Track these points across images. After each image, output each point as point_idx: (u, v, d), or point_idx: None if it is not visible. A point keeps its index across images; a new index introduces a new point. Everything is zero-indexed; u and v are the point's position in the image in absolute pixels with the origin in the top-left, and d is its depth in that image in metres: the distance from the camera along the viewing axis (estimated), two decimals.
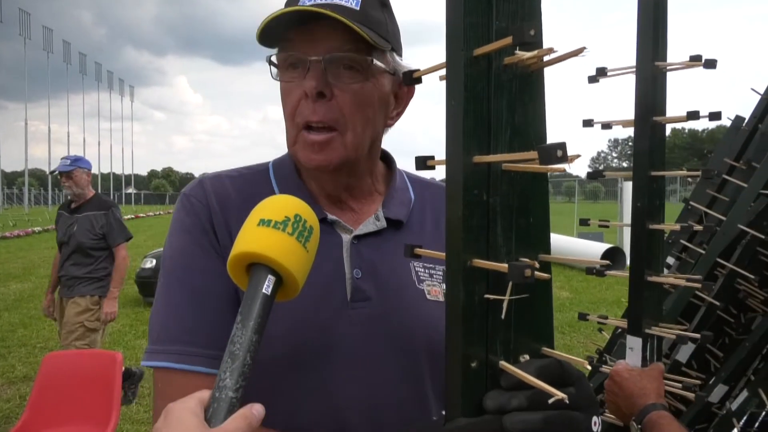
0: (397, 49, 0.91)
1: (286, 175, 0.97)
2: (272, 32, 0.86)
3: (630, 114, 1.14)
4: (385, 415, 0.88)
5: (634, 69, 1.11)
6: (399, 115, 0.96)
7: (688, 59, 1.10)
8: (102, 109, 78.78)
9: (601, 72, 1.14)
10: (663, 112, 1.11)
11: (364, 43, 0.83)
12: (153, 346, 0.86)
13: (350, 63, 0.85)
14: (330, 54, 0.84)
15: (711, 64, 1.09)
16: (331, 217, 0.93)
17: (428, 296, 0.93)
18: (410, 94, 0.96)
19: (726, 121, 1.85)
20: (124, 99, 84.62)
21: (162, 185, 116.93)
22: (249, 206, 0.70)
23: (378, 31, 0.86)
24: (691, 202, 1.77)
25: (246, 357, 0.59)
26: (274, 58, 0.90)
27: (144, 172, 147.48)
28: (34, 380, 3.22)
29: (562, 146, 0.49)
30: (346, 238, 0.93)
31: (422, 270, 0.95)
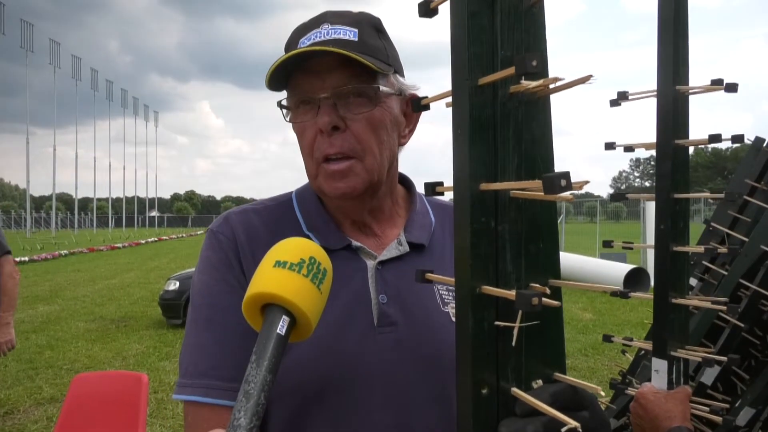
0: (399, 70, 0.94)
1: (309, 205, 0.99)
2: (279, 77, 0.90)
3: (653, 134, 1.15)
4: None
5: (655, 93, 1.11)
6: (411, 132, 0.98)
7: (709, 83, 1.10)
8: (127, 134, 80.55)
9: (623, 96, 1.16)
10: (686, 135, 1.11)
11: (368, 71, 0.86)
12: (182, 380, 0.90)
13: (358, 92, 0.88)
14: (337, 89, 0.87)
15: (732, 88, 1.09)
16: (355, 243, 0.95)
17: (453, 319, 0.95)
18: (419, 113, 0.97)
19: (747, 142, 1.85)
20: (149, 124, 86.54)
21: (184, 208, 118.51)
22: (276, 238, 0.71)
23: (379, 57, 0.89)
24: (713, 224, 1.76)
25: (260, 396, 0.59)
26: (284, 102, 0.93)
27: (167, 196, 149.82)
28: (62, 402, 3.27)
29: (565, 176, 0.49)
30: (370, 264, 0.95)
31: (446, 293, 0.96)
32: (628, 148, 1.22)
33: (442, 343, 0.91)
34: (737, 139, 1.10)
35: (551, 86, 0.55)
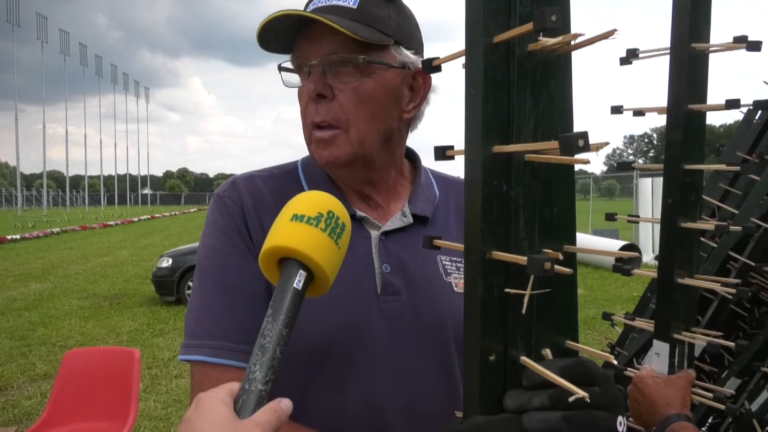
0: (404, 41, 0.92)
1: (314, 173, 1.00)
2: (280, 39, 0.90)
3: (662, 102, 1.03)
4: (419, 407, 0.91)
5: (669, 50, 1.01)
6: (416, 108, 0.96)
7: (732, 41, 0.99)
8: (118, 111, 79.66)
9: (633, 53, 1.05)
10: (702, 100, 1.01)
11: (359, 42, 0.85)
12: (189, 341, 0.89)
13: (344, 62, 0.87)
14: (326, 57, 0.87)
15: (755, 46, 0.99)
16: (360, 213, 0.96)
17: (456, 289, 0.95)
18: (426, 87, 0.96)
19: (740, 115, 1.84)
20: (140, 101, 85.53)
21: (177, 186, 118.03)
22: (282, 205, 0.71)
23: (377, 27, 0.88)
24: (704, 196, 1.76)
25: (276, 350, 0.59)
26: (286, 65, 0.94)
27: (159, 173, 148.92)
28: (55, 378, 3.28)
29: (583, 135, 0.47)
30: (374, 234, 0.96)
31: (449, 263, 0.97)
32: (638, 113, 1.12)
33: (444, 313, 0.92)
34: (732, 104, 1.01)
35: (572, 42, 0.52)
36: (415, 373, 0.91)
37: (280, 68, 0.94)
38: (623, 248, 11.16)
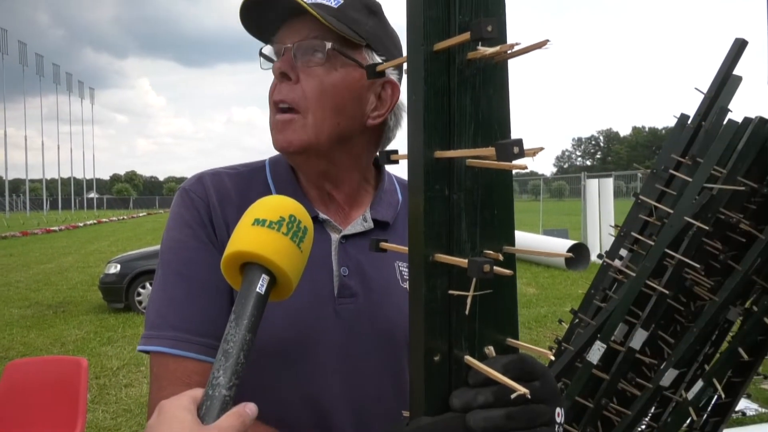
0: (377, 48, 0.94)
1: (281, 173, 1.00)
2: (267, 27, 0.94)
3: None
4: (366, 408, 0.92)
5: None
6: (381, 117, 0.96)
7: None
8: (61, 112, 76.67)
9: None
10: None
11: (334, 35, 0.88)
12: (149, 332, 0.88)
13: (316, 50, 0.90)
14: (298, 42, 0.90)
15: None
16: (322, 216, 0.96)
17: None
18: (394, 98, 0.96)
19: (673, 120, 1.94)
20: (84, 101, 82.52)
21: (125, 189, 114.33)
22: (247, 204, 0.71)
23: (352, 27, 0.90)
24: (641, 197, 1.84)
25: (239, 355, 0.60)
26: (265, 50, 0.97)
27: (106, 176, 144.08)
28: None
29: (518, 143, 0.49)
30: (334, 237, 0.97)
31: (406, 270, 0.99)
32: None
33: (397, 317, 0.94)
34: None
35: (508, 52, 0.54)
36: (366, 374, 0.93)
37: (262, 54, 0.97)
38: (572, 247, 11.48)
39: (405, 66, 0.59)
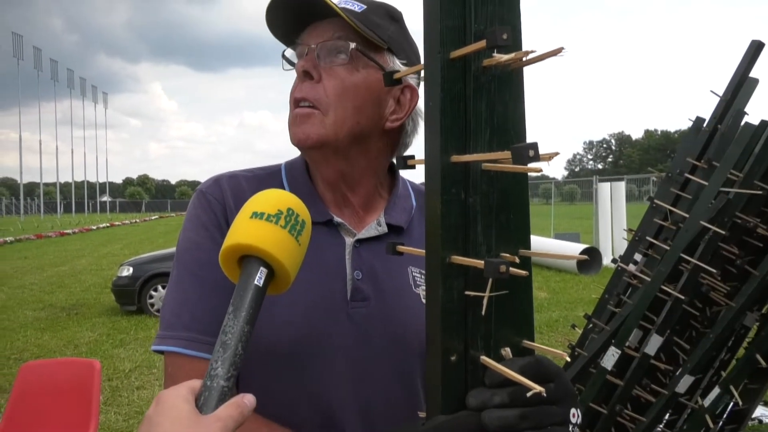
0: (398, 53, 0.96)
1: (296, 176, 1.02)
2: (293, 29, 0.95)
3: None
4: (375, 411, 0.92)
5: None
6: (399, 120, 0.96)
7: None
8: (75, 117, 77.45)
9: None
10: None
11: (358, 37, 0.90)
12: (163, 332, 0.90)
13: (340, 50, 0.91)
14: (322, 42, 0.92)
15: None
16: (337, 219, 0.97)
17: (423, 300, 0.97)
18: (413, 102, 0.97)
19: (689, 122, 1.92)
20: (98, 106, 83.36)
21: (138, 193, 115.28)
22: None
23: (374, 30, 0.92)
24: (656, 201, 1.83)
25: (237, 347, 0.60)
26: (287, 53, 0.99)
27: (119, 180, 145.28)
28: (10, 392, 3.17)
29: (533, 146, 0.50)
30: (349, 240, 0.97)
31: (419, 275, 0.99)
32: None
33: (409, 322, 0.94)
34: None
35: (523, 59, 0.55)
36: (376, 378, 0.93)
37: (283, 56, 0.99)
38: (584, 251, 11.41)
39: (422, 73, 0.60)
